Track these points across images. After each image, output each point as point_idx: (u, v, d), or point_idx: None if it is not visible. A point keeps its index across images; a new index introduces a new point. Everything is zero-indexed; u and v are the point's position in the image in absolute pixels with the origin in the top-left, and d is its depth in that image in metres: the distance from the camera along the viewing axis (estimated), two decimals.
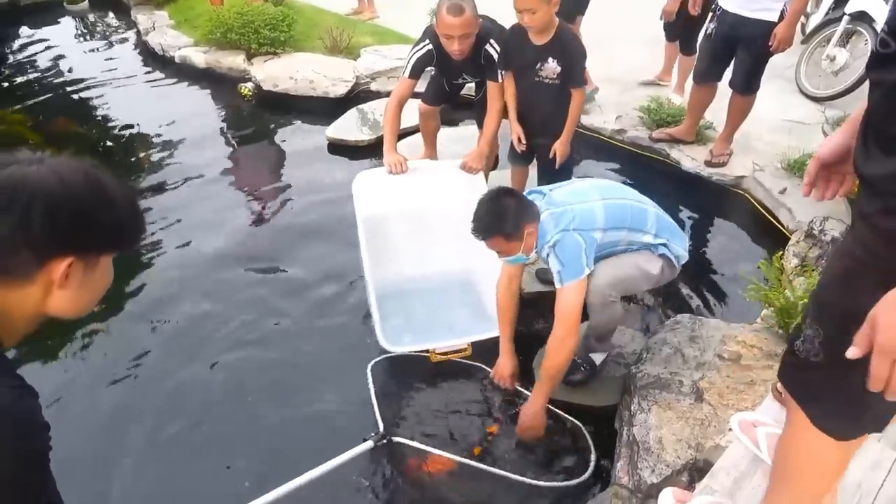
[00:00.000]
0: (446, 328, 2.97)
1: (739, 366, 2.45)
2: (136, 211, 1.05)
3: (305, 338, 3.04)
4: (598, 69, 4.80)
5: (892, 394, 0.91)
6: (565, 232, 2.28)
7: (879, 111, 1.01)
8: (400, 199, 3.21)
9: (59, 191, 0.92)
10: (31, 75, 6.14)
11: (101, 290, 1.06)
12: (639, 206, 2.45)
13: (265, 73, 5.60)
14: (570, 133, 3.17)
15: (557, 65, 3.01)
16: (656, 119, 4.59)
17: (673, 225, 2.53)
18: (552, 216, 2.32)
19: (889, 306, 0.92)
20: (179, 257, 3.60)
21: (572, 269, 2.26)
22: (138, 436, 2.55)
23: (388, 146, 3.27)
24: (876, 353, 0.91)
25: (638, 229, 2.41)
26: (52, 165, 0.94)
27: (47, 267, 0.94)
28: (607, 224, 2.33)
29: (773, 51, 3.65)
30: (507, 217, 2.27)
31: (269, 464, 2.40)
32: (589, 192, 2.43)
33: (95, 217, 0.97)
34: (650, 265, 2.44)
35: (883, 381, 0.91)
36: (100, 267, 1.02)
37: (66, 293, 0.98)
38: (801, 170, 3.98)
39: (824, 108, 4.78)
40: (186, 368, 2.86)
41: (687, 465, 2.09)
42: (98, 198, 0.97)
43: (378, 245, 3.05)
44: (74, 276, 0.97)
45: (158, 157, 4.66)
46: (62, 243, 0.95)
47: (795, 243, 3.37)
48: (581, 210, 2.32)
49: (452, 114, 4.55)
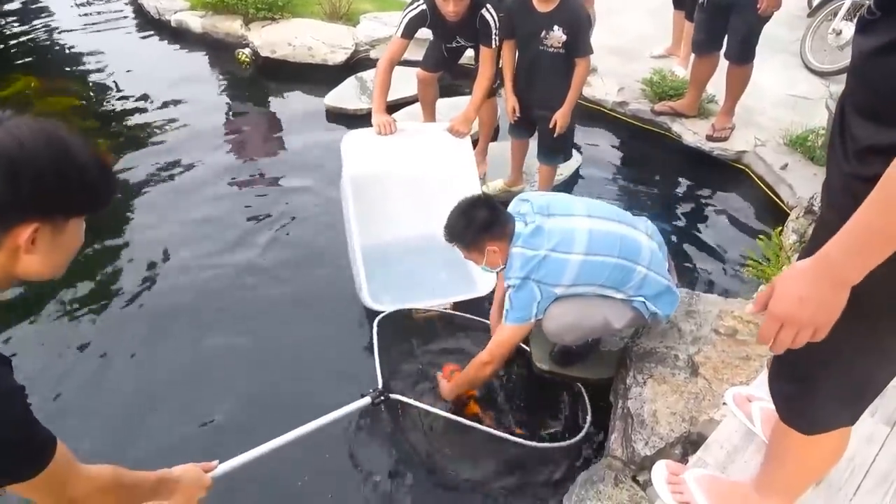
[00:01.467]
0: (428, 289, 2.97)
1: (735, 341, 2.46)
2: (105, 172, 1.01)
3: (295, 299, 3.08)
4: (600, 39, 4.72)
5: (776, 350, 1.06)
6: (525, 280, 2.20)
7: (856, 75, 1.02)
8: (387, 159, 3.19)
9: (19, 154, 0.88)
10: (24, 37, 6.02)
11: (71, 253, 1.03)
12: (624, 266, 2.24)
13: (263, 40, 5.51)
14: (572, 103, 3.12)
15: (563, 33, 2.95)
16: (659, 92, 4.54)
17: (664, 286, 2.34)
18: (522, 257, 2.20)
19: (787, 277, 1.02)
20: (172, 224, 3.57)
21: (520, 314, 2.25)
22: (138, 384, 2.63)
23: (376, 106, 3.24)
24: (767, 317, 1.05)
25: (611, 286, 2.28)
26: (10, 128, 0.90)
27: (12, 233, 0.92)
28: (575, 281, 2.22)
29: (761, 13, 3.59)
30: (470, 230, 2.25)
31: (265, 418, 2.43)
32: (577, 239, 2.20)
33: (59, 180, 0.93)
34: (617, 319, 2.33)
35: (769, 341, 1.06)
36: (69, 229, 0.99)
37: (34, 258, 0.96)
38: (803, 146, 3.95)
39: (829, 84, 4.73)
40: (180, 333, 2.89)
41: (681, 439, 2.11)
42: (61, 160, 0.93)
43: (364, 205, 3.06)
44: (42, 240, 0.95)
45: (153, 124, 4.59)
46: (26, 208, 0.91)
47: (795, 219, 3.36)
48: (554, 261, 2.18)
49: (451, 82, 4.49)
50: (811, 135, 3.97)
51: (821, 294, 0.98)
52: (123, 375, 2.68)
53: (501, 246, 2.26)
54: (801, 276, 1.00)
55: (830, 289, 0.98)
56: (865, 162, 0.98)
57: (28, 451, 0.97)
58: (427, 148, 3.26)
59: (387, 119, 3.18)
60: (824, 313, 0.99)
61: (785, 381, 1.32)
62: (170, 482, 1.34)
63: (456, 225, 2.30)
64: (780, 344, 1.04)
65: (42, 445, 0.99)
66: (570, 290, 2.26)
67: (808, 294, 0.99)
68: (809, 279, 0.99)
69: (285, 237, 3.50)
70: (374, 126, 3.18)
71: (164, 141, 4.38)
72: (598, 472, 2.13)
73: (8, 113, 0.93)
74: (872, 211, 0.91)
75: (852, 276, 0.96)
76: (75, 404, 2.52)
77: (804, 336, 1.02)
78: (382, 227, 3.18)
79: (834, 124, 1.10)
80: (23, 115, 0.94)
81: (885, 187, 0.88)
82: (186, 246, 3.41)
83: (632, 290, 2.29)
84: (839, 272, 0.96)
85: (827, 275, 0.97)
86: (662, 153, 4.35)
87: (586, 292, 2.29)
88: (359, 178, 3.08)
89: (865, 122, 0.99)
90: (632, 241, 2.29)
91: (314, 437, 2.01)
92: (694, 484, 1.70)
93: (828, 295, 0.98)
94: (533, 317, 2.25)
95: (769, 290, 1.05)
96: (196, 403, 2.55)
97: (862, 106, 1.00)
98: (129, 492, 1.22)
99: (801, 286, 1.00)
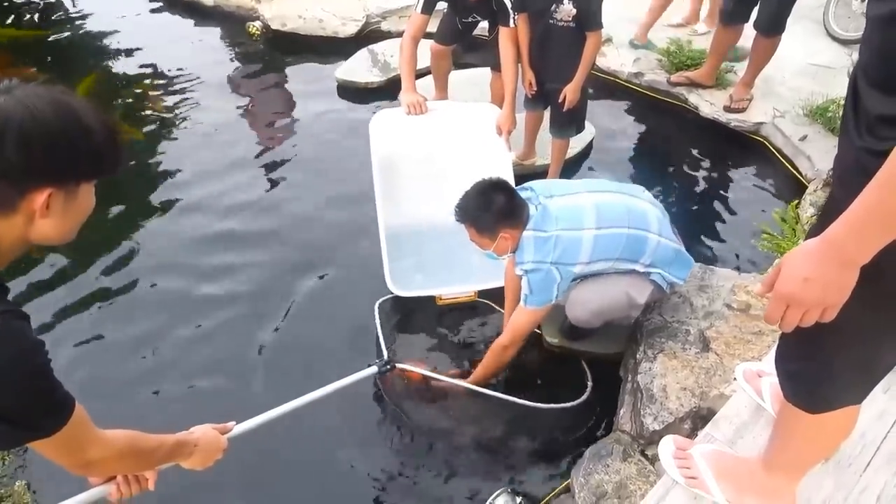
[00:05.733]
0: (456, 272, 2.95)
1: (748, 316, 2.43)
2: (113, 137, 1.03)
3: (314, 279, 3.10)
4: (616, 9, 4.61)
5: (785, 328, 1.04)
6: (542, 264, 2.18)
7: (869, 44, 0.98)
8: (417, 140, 3.11)
9: (30, 121, 0.91)
10: (36, 10, 6.02)
11: (83, 216, 1.06)
12: (636, 236, 2.25)
13: (273, 12, 5.46)
14: (582, 78, 3.07)
15: (573, 6, 2.90)
16: (676, 62, 4.44)
17: (675, 251, 2.36)
18: (535, 240, 2.19)
19: (794, 258, 1.01)
20: (180, 200, 3.60)
21: (539, 297, 2.22)
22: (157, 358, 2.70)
23: (406, 85, 3.14)
24: (773, 297, 1.03)
25: (627, 259, 2.27)
26: (20, 97, 0.92)
27: (27, 198, 0.95)
28: (592, 257, 2.21)
29: None
30: (488, 213, 2.19)
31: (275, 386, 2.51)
32: (585, 215, 2.21)
33: (69, 146, 0.96)
34: (639, 294, 2.32)
35: (776, 321, 1.05)
36: (80, 194, 1.02)
37: (48, 221, 0.99)
38: (824, 116, 3.85)
39: (851, 52, 4.58)
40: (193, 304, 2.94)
41: (690, 414, 2.11)
42: (71, 126, 0.96)
43: (392, 186, 3.00)
44: (55, 205, 0.98)
45: (164, 97, 4.59)
46: (39, 174, 0.95)
47: (813, 192, 3.28)
48: (567, 239, 2.18)
49: (464, 56, 4.43)
50: (832, 105, 3.86)
51: (827, 274, 0.96)
52: (135, 349, 2.73)
53: (514, 234, 2.22)
54: (808, 256, 0.98)
55: (837, 269, 0.95)
56: (878, 136, 0.94)
57: (50, 404, 1.01)
58: (458, 128, 3.16)
59: (417, 99, 3.08)
60: (831, 294, 0.97)
61: (791, 360, 1.30)
62: (188, 444, 1.37)
63: (472, 206, 2.22)
64: (787, 324, 1.03)
65: (63, 400, 1.03)
66: (589, 268, 2.25)
67: (813, 274, 0.97)
68: (815, 259, 0.97)
69: (299, 214, 3.50)
70: (404, 106, 3.08)
71: (173, 114, 4.38)
72: (606, 447, 2.14)
73: (15, 81, 0.95)
74: (881, 188, 0.87)
75: (859, 257, 0.93)
76: (87, 374, 2.59)
77: (812, 316, 1.00)
78: (412, 210, 3.12)
79: (847, 97, 1.06)
80: (31, 84, 0.96)
81: (893, 164, 0.85)
82: (195, 220, 3.44)
83: (647, 260, 2.28)
84: (846, 252, 0.94)
85: (833, 255, 0.95)
86: (678, 125, 4.26)
87: (604, 269, 2.28)
88: (388, 158, 3.01)
89: (879, 93, 0.95)
90: (638, 210, 2.30)
91: (319, 405, 2.03)
92: (701, 459, 1.70)
93: (834, 275, 0.96)
94: (553, 298, 2.23)
95: (776, 271, 1.03)
96: (211, 373, 2.62)
97: (874, 77, 0.97)
98: (147, 456, 1.25)
99: (806, 266, 0.98)
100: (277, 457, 2.30)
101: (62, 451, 1.07)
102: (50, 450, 1.05)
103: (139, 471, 1.31)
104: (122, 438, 1.17)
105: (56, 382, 1.01)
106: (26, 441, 1.03)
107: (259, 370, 2.65)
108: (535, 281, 2.21)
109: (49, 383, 1.00)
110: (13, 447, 1.14)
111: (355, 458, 2.35)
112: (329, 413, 2.37)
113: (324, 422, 2.37)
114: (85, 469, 1.15)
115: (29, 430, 1.00)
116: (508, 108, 3.09)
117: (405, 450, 2.40)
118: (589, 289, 2.32)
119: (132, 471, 1.30)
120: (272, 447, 2.24)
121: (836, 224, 0.94)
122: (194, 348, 2.74)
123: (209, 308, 2.92)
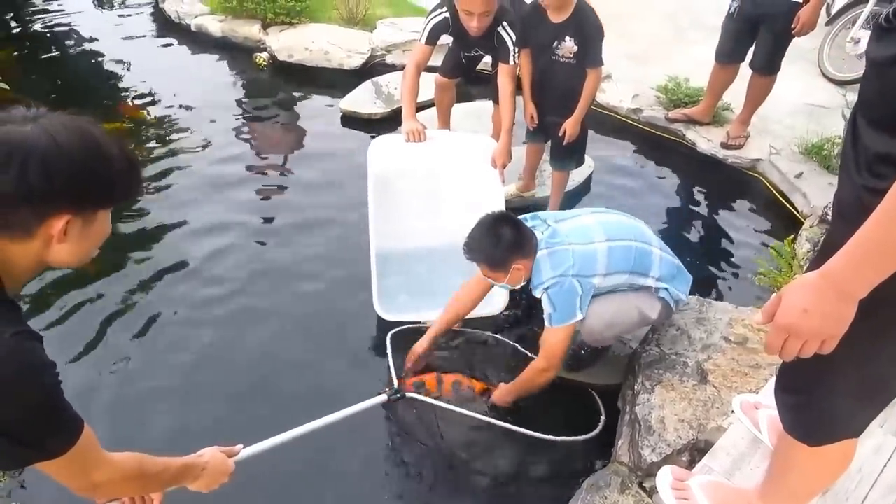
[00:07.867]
0: (439, 296, 2.92)
1: (745, 349, 2.45)
2: (132, 166, 1.07)
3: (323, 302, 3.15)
4: (615, 45, 4.73)
5: (785, 358, 1.06)
6: (563, 277, 2.21)
7: (870, 85, 1.01)
8: (413, 167, 3.14)
9: (54, 150, 0.94)
10: (46, 40, 6.13)
11: (99, 242, 1.09)
12: (643, 249, 2.34)
13: (280, 44, 5.57)
14: (582, 113, 3.14)
15: (574, 44, 2.97)
16: (674, 99, 4.53)
17: (676, 267, 2.45)
18: (550, 256, 2.24)
19: (794, 289, 1.03)
20: (188, 223, 3.63)
21: (564, 313, 2.24)
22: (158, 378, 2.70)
23: (407, 113, 3.16)
24: (773, 327, 1.05)
25: (641, 273, 2.33)
26: (45, 125, 0.95)
27: (46, 223, 0.98)
28: (609, 269, 2.26)
29: (795, 33, 3.59)
30: (498, 249, 2.22)
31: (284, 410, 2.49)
32: (594, 230, 2.30)
33: (90, 175, 0.99)
34: (649, 309, 2.38)
35: (775, 351, 1.06)
36: (97, 220, 1.05)
37: (65, 247, 1.02)
38: (819, 154, 3.93)
39: (846, 92, 4.68)
40: (198, 326, 2.95)
41: (688, 446, 2.11)
42: (92, 155, 0.99)
43: (386, 206, 3.01)
44: (73, 230, 1.01)
45: (171, 126, 4.65)
46: (59, 201, 0.97)
47: (809, 228, 3.34)
48: (582, 253, 2.23)
49: (467, 88, 4.52)
50: (827, 143, 3.95)
51: (825, 306, 0.98)
52: (140, 366, 2.74)
53: (526, 263, 2.26)
54: (807, 288, 1.00)
55: (835, 302, 0.97)
56: (877, 174, 0.97)
57: (58, 424, 1.02)
58: (455, 157, 3.20)
59: (417, 126, 3.10)
60: (830, 325, 0.99)
61: (790, 391, 1.31)
62: (196, 467, 1.36)
63: (481, 243, 2.24)
64: (787, 354, 1.05)
65: (71, 421, 1.04)
66: (607, 281, 2.29)
67: (812, 306, 0.98)
68: (814, 291, 0.99)
69: (300, 239, 3.54)
70: (404, 133, 3.11)
71: (180, 143, 4.43)
72: (604, 478, 2.14)
73: (43, 110, 0.99)
74: (879, 225, 0.90)
75: (858, 290, 0.95)
76: (93, 390, 2.59)
77: (811, 347, 1.02)
78: (405, 231, 3.16)
79: (846, 135, 1.09)
80: (56, 112, 1.00)
81: (892, 200, 0.87)
82: (202, 245, 3.46)
83: (657, 274, 2.35)
84: (844, 286, 0.96)
85: (832, 288, 0.97)
86: (676, 160, 4.33)
87: (619, 284, 2.33)
88: (383, 179, 3.03)
89: (878, 132, 0.98)
90: (638, 226, 2.43)
91: (329, 433, 2.04)
92: (698, 490, 1.70)
93: (832, 307, 0.97)
94: (578, 312, 2.24)
95: (776, 301, 1.05)
96: (214, 395, 2.63)
97: (874, 116, 1.00)
98: (153, 479, 1.25)
99: (806, 298, 0.99)
100: (281, 480, 2.28)
101: (69, 472, 1.07)
102: (56, 471, 1.06)
103: (145, 493, 1.32)
104: (128, 461, 1.17)
105: (65, 403, 1.03)
106: (33, 461, 1.04)
107: (266, 392, 2.65)
108: (556, 296, 2.23)
109: (59, 404, 1.01)
110: (21, 467, 1.14)
111: (356, 484, 2.35)
112: (335, 438, 2.33)
113: (329, 446, 2.36)
114: (91, 491, 1.14)
115: (36, 451, 1.01)
116: (504, 142, 3.13)
117: (406, 476, 2.39)
118: (602, 302, 2.34)
119: (138, 493, 1.31)
120: (277, 470, 2.22)
121: (835, 258, 0.96)
122: (198, 372, 2.73)
123: (212, 329, 2.93)
